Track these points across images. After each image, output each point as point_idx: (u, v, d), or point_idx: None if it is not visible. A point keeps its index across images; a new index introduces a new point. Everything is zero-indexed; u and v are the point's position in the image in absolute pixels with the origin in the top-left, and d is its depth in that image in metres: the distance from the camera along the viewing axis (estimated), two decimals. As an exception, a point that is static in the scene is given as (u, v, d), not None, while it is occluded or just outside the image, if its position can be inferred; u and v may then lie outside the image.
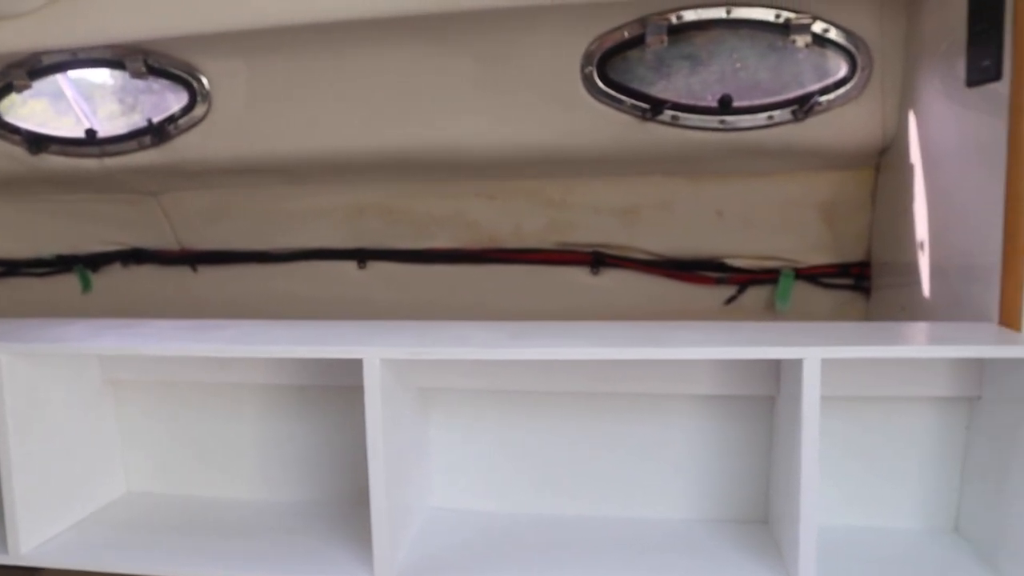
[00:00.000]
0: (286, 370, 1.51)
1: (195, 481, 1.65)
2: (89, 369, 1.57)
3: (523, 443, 1.49)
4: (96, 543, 1.46)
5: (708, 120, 1.78)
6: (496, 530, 1.44)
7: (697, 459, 1.46)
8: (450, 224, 2.03)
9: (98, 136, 1.95)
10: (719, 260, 2.00)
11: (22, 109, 2.01)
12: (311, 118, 1.83)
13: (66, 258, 2.30)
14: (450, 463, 1.52)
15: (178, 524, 1.52)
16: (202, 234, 2.18)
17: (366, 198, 2.03)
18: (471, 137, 1.81)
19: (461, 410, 1.49)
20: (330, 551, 1.37)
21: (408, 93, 1.77)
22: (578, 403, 1.46)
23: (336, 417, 1.53)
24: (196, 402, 1.61)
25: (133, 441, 1.66)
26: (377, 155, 1.86)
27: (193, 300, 2.22)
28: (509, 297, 2.04)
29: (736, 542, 1.38)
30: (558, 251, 2.02)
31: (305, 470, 1.58)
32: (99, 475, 1.61)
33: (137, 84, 1.94)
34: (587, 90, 1.76)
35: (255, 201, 2.09)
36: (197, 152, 1.90)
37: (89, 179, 2.04)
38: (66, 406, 1.51)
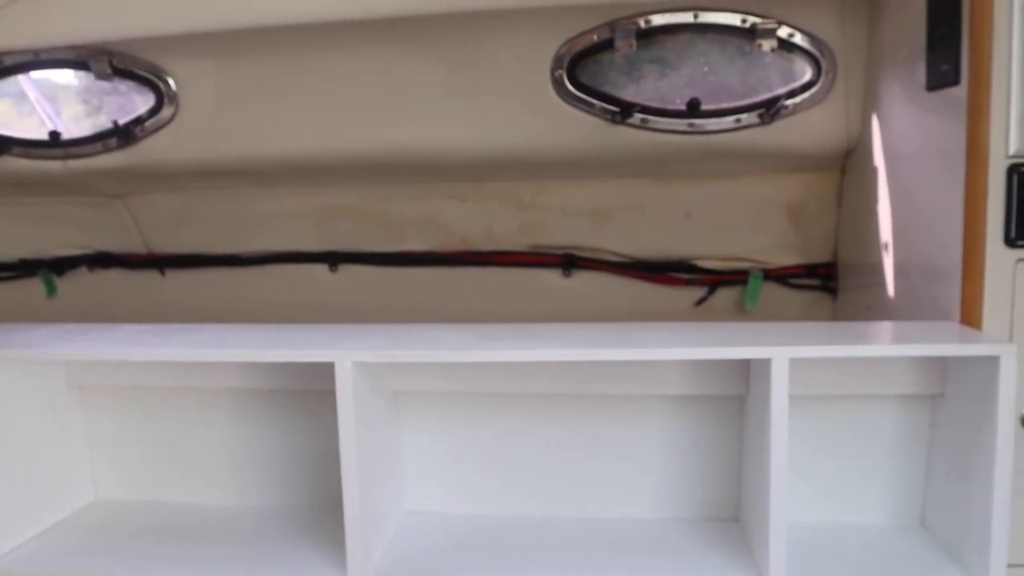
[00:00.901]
0: (257, 374, 1.50)
1: (165, 487, 1.63)
2: (55, 375, 1.55)
3: (496, 445, 1.49)
4: (64, 551, 1.44)
5: (677, 123, 1.80)
6: (470, 532, 1.44)
7: (669, 459, 1.47)
8: (422, 227, 2.03)
9: (62, 138, 1.92)
10: (689, 262, 2.02)
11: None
12: (281, 120, 1.82)
13: (30, 262, 2.26)
14: (423, 466, 1.52)
15: (148, 531, 1.50)
16: (170, 237, 2.15)
17: (337, 200, 2.02)
18: (442, 140, 1.81)
19: (434, 413, 1.49)
20: (303, 556, 1.36)
21: (379, 96, 1.77)
22: (551, 405, 1.46)
23: (308, 421, 1.53)
24: (165, 407, 1.60)
25: (101, 447, 1.64)
26: (348, 158, 1.85)
27: (161, 304, 2.19)
28: (482, 299, 2.04)
29: (708, 540, 1.39)
30: (530, 253, 2.03)
31: (277, 475, 1.57)
32: (67, 482, 1.59)
33: (102, 85, 1.92)
34: (557, 93, 1.77)
35: (224, 204, 2.07)
36: (164, 154, 1.89)
37: (53, 182, 2.01)
38: (32, 412, 1.49)
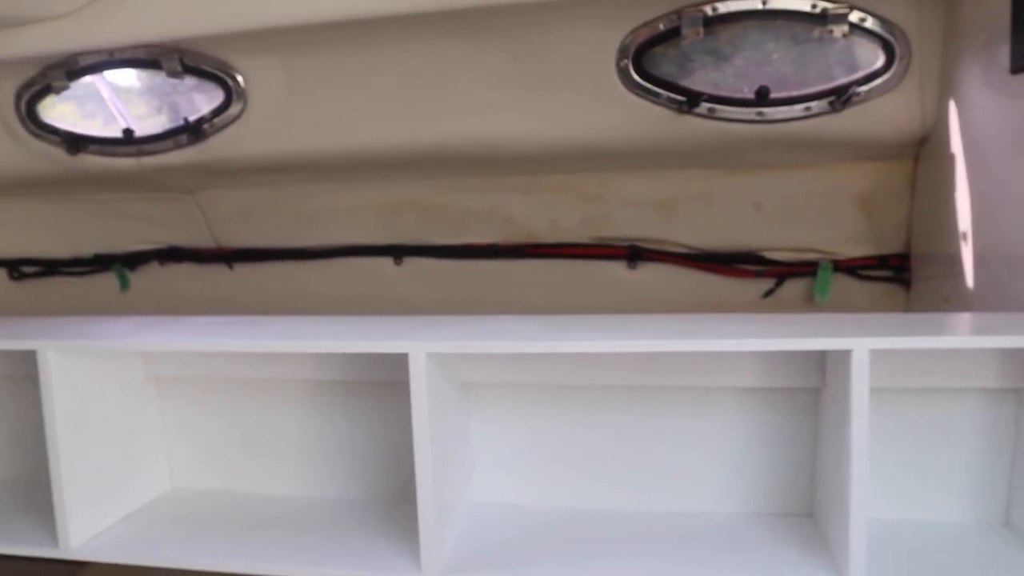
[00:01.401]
0: (329, 365, 1.51)
1: (239, 477, 1.65)
2: (133, 366, 1.58)
3: (566, 437, 1.48)
4: (143, 538, 1.47)
5: (745, 112, 1.77)
6: (539, 525, 1.44)
7: (740, 452, 1.45)
8: (486, 219, 2.03)
9: (135, 136, 1.96)
10: (757, 253, 1.99)
11: (51, 112, 2.03)
12: (347, 115, 1.83)
13: (104, 257, 2.32)
14: (492, 458, 1.51)
15: (223, 519, 1.52)
16: (238, 232, 2.19)
17: (402, 194, 2.04)
18: (507, 133, 1.81)
19: (503, 404, 1.49)
20: (375, 546, 1.37)
21: (444, 89, 1.77)
22: (621, 396, 1.45)
23: (379, 412, 1.54)
24: (239, 398, 1.62)
25: (177, 437, 1.67)
26: (413, 151, 1.86)
27: (229, 298, 2.23)
28: (546, 292, 2.03)
29: (781, 536, 1.36)
30: (595, 245, 2.01)
31: (348, 466, 1.58)
32: (144, 471, 1.62)
33: (163, 86, 1.96)
34: (623, 84, 1.75)
35: (291, 198, 2.10)
36: (233, 150, 1.91)
37: (126, 178, 2.06)
38: (111, 403, 1.52)
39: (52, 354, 1.37)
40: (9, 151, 2.03)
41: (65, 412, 1.40)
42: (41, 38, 1.73)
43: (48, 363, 1.36)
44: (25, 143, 2.00)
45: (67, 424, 1.40)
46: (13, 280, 2.41)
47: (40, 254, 2.38)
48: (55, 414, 1.38)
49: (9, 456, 1.81)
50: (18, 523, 1.53)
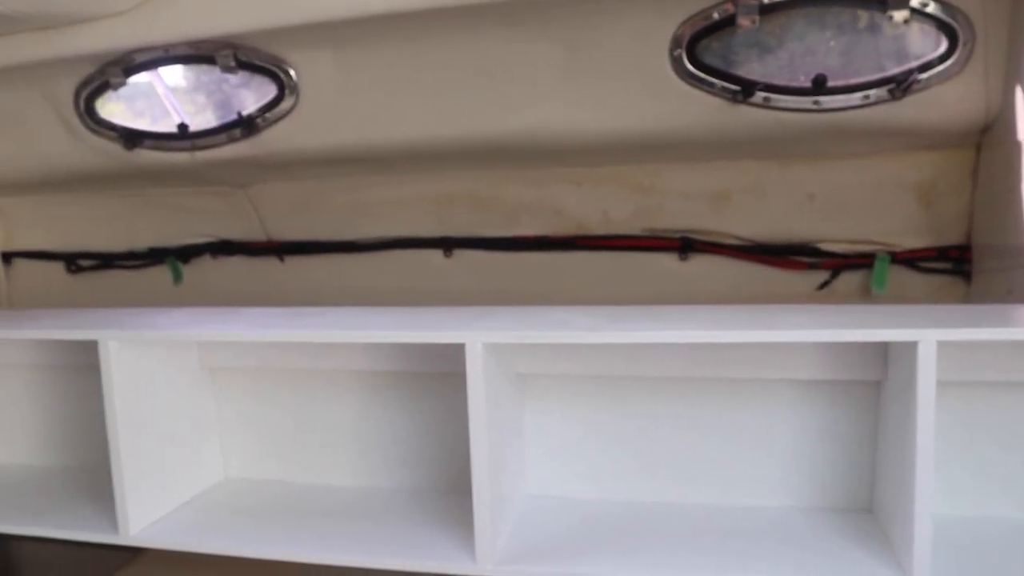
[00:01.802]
0: (383, 356, 1.52)
1: (292, 467, 1.67)
2: (189, 356, 1.60)
3: (619, 429, 1.47)
4: (198, 526, 1.49)
5: (801, 101, 1.74)
6: (592, 517, 1.43)
7: (796, 445, 1.42)
8: (537, 211, 2.02)
9: (189, 130, 1.99)
10: (811, 245, 1.95)
11: (103, 111, 2.06)
12: (398, 107, 1.83)
13: (158, 250, 2.36)
14: (546, 450, 1.51)
15: (277, 508, 1.54)
16: (289, 225, 2.21)
17: (453, 186, 2.04)
18: (559, 124, 1.79)
19: (558, 396, 1.48)
20: (429, 537, 1.37)
21: (495, 81, 1.76)
22: (677, 388, 1.43)
23: (433, 403, 1.54)
24: (293, 389, 1.64)
25: (231, 427, 1.69)
26: (464, 143, 1.86)
27: (280, 290, 2.25)
28: (596, 284, 2.02)
29: (840, 531, 1.34)
30: (646, 237, 1.99)
31: (400, 457, 1.59)
32: (200, 460, 1.64)
33: (208, 84, 1.99)
34: (676, 73, 1.73)
35: (342, 191, 2.11)
36: (285, 144, 1.93)
37: (180, 173, 2.09)
38: (168, 393, 1.54)
39: (113, 344, 1.39)
40: (68, 147, 2.07)
41: (125, 401, 1.42)
42: (99, 36, 1.76)
43: (109, 353, 1.38)
44: (83, 139, 2.03)
45: (127, 413, 1.42)
46: (70, 273, 2.46)
47: (96, 248, 2.42)
48: (116, 403, 1.40)
49: (70, 445, 1.85)
50: (80, 510, 1.56)
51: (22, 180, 2.26)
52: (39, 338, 1.55)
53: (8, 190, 2.37)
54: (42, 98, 1.99)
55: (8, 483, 1.76)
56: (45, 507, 1.59)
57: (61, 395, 1.83)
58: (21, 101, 2.01)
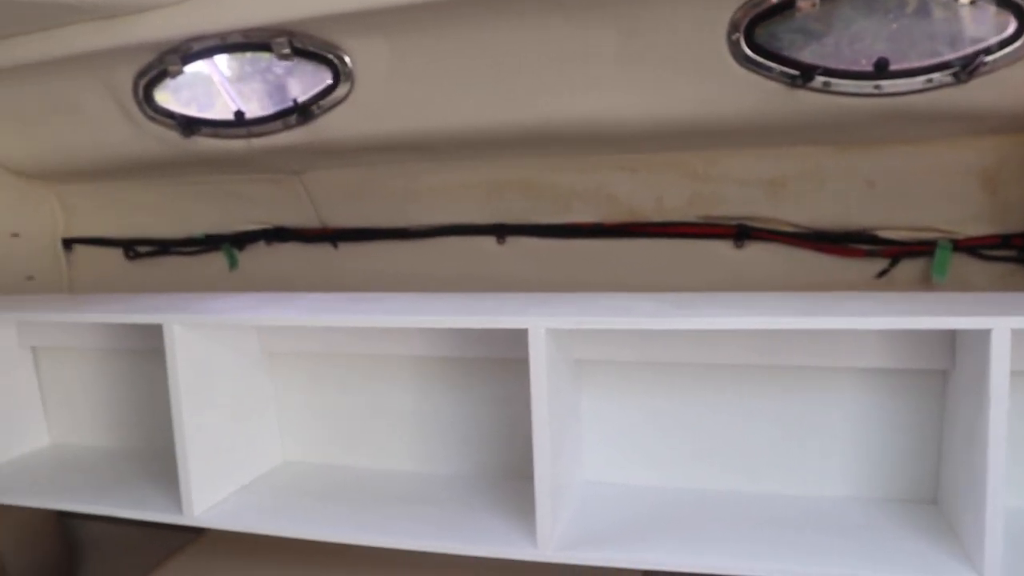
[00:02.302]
0: (442, 341, 1.53)
1: (350, 452, 1.69)
2: (249, 341, 1.63)
3: (678, 417, 1.47)
4: (260, 507, 1.51)
5: (862, 85, 1.70)
6: (649, 505, 1.42)
7: (859, 435, 1.41)
8: (590, 198, 2.01)
9: (246, 118, 2.01)
10: (870, 232, 1.92)
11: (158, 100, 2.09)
12: (452, 94, 1.83)
13: (214, 237, 2.39)
14: (602, 437, 1.51)
15: (335, 492, 1.56)
16: (343, 211, 2.22)
17: (506, 173, 2.03)
18: (613, 110, 1.78)
19: (616, 382, 1.48)
20: (489, 522, 1.38)
21: (550, 67, 1.75)
22: (735, 376, 1.42)
23: (490, 389, 1.55)
24: (351, 374, 1.65)
25: (290, 412, 1.72)
26: (517, 129, 1.85)
27: (333, 277, 2.27)
28: (650, 272, 2.00)
29: (904, 522, 1.32)
30: (701, 224, 1.97)
31: (458, 442, 1.60)
32: (259, 444, 1.67)
33: (252, 73, 2.01)
34: (734, 58, 1.70)
35: (395, 178, 2.12)
36: (340, 131, 1.94)
37: (236, 160, 2.11)
38: (229, 377, 1.57)
39: (177, 328, 1.41)
40: (127, 135, 2.10)
41: (189, 384, 1.44)
42: (159, 24, 1.78)
43: (173, 336, 1.41)
44: (142, 127, 2.06)
45: (190, 396, 1.45)
46: (128, 259, 2.50)
47: (154, 234, 2.46)
48: (180, 386, 1.42)
49: (133, 427, 1.89)
50: (145, 490, 1.60)
51: (82, 168, 2.30)
52: (106, 322, 1.58)
53: (69, 178, 2.42)
54: (102, 87, 2.02)
55: (76, 464, 1.81)
56: (112, 487, 1.63)
57: (125, 378, 1.87)
58: (82, 90, 2.04)
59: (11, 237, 2.36)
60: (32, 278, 2.43)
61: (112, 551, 2.56)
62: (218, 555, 1.86)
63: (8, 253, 2.35)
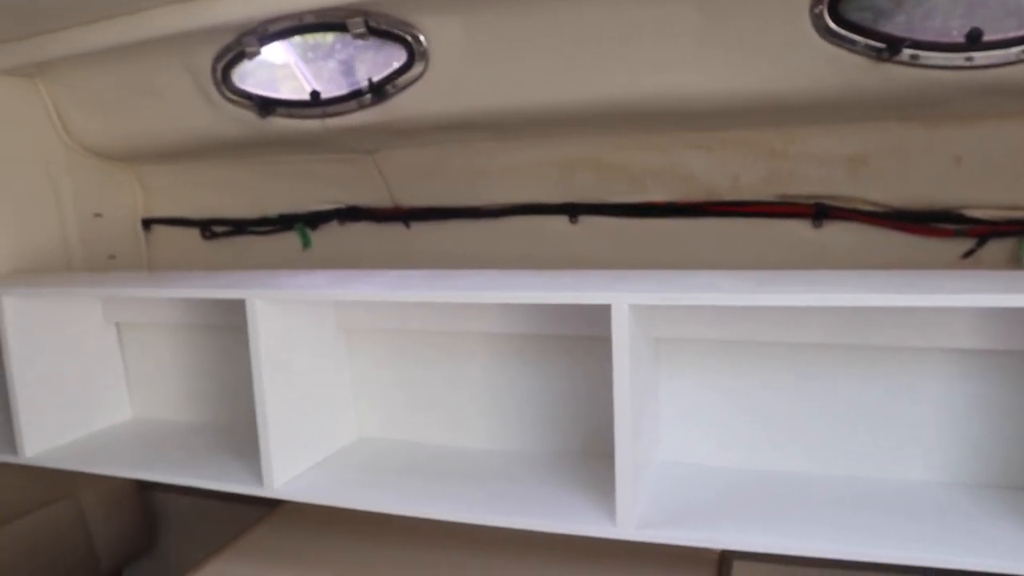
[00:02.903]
0: (519, 318, 1.52)
1: (425, 429, 1.70)
2: (327, 317, 1.65)
3: (756, 397, 1.44)
4: (337, 481, 1.53)
5: (952, 58, 1.64)
6: (728, 485, 1.40)
7: (949, 417, 1.36)
8: (664, 177, 1.98)
9: (321, 98, 2.02)
10: (956, 211, 1.85)
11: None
12: (527, 72, 1.82)
13: (287, 217, 2.42)
14: (680, 416, 1.49)
15: (412, 468, 1.57)
16: (415, 191, 2.23)
17: (579, 152, 2.02)
18: (691, 86, 1.74)
19: (695, 361, 1.46)
20: (567, 500, 1.37)
21: (626, 42, 1.72)
22: (818, 355, 1.39)
23: (568, 367, 1.54)
24: (427, 351, 1.66)
25: (365, 388, 1.73)
26: (592, 107, 1.83)
27: (405, 256, 2.28)
28: (725, 251, 1.97)
29: (1001, 510, 1.27)
30: (778, 203, 1.93)
31: (534, 420, 1.60)
32: (335, 419, 1.69)
33: (315, 58, 2.02)
34: (817, 31, 1.65)
35: (468, 157, 2.11)
36: (414, 110, 1.94)
37: (311, 140, 2.13)
38: (308, 353, 1.59)
39: (259, 303, 1.43)
40: (205, 116, 2.14)
41: (270, 359, 1.47)
42: (239, 6, 1.81)
43: (256, 311, 1.43)
44: (220, 108, 2.10)
45: (271, 370, 1.47)
46: (205, 239, 2.55)
47: (229, 214, 2.50)
48: (261, 360, 1.45)
49: (211, 402, 1.93)
50: (225, 463, 1.63)
51: (161, 149, 2.35)
52: (191, 297, 1.62)
53: (148, 159, 2.47)
54: (182, 69, 2.05)
55: (158, 436, 1.85)
56: (194, 459, 1.67)
57: (204, 354, 1.91)
58: (163, 73, 2.08)
59: (94, 217, 2.43)
60: (113, 257, 2.50)
61: (189, 523, 2.63)
62: (294, 528, 1.89)
63: (91, 233, 2.42)
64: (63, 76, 2.20)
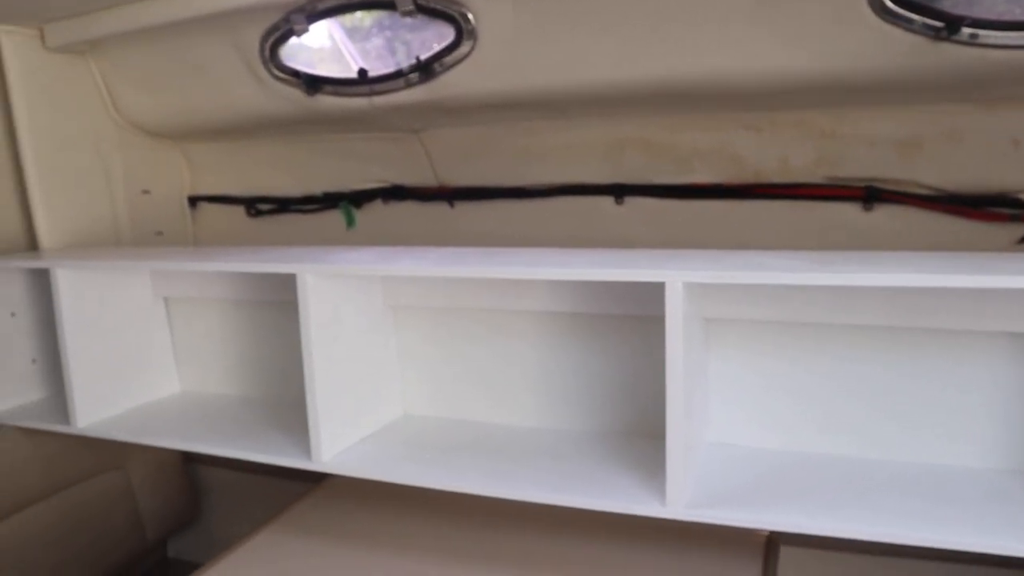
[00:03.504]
0: (568, 296, 1.52)
1: (471, 407, 1.71)
2: (374, 294, 1.66)
3: (807, 379, 1.43)
4: (384, 456, 1.54)
5: (1015, 37, 1.60)
6: (777, 468, 1.39)
7: (1002, 403, 1.34)
8: (712, 158, 1.96)
9: (368, 75, 2.03)
10: (1013, 195, 1.81)
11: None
12: (575, 51, 1.80)
13: (332, 195, 2.43)
14: (726, 397, 1.48)
15: (458, 444, 1.58)
16: (460, 170, 2.23)
17: (625, 132, 2.00)
18: (743, 67, 1.72)
19: (740, 342, 1.44)
20: (615, 478, 1.37)
21: (677, 22, 1.70)
22: (872, 338, 1.37)
23: (616, 346, 1.53)
24: (474, 329, 1.66)
25: (411, 365, 1.74)
26: (641, 87, 1.81)
27: (449, 236, 2.28)
28: (773, 234, 1.95)
29: (1054, 496, 1.26)
30: (828, 186, 1.90)
31: (581, 399, 1.59)
32: (382, 396, 1.70)
33: (353, 37, 2.03)
34: (872, 9, 1.62)
35: (514, 136, 2.11)
36: (461, 88, 1.94)
37: (358, 118, 2.13)
38: (356, 329, 1.60)
39: (310, 278, 1.44)
40: (253, 94, 2.15)
41: (319, 334, 1.48)
42: None
43: (306, 286, 1.44)
44: (268, 86, 2.11)
45: (320, 346, 1.48)
46: (250, 217, 2.58)
47: (275, 192, 2.52)
48: (311, 335, 1.46)
49: (258, 377, 1.95)
50: (273, 437, 1.65)
51: (209, 127, 2.38)
52: (242, 271, 1.63)
53: (195, 137, 2.50)
54: (231, 47, 2.07)
55: (206, 410, 1.88)
56: (242, 433, 1.69)
57: (251, 329, 1.94)
58: (211, 51, 2.10)
59: (142, 194, 2.46)
60: (160, 233, 2.53)
61: (231, 497, 2.68)
62: (338, 503, 1.91)
63: (139, 209, 2.45)
64: (114, 54, 2.22)
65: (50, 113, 2.17)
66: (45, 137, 2.15)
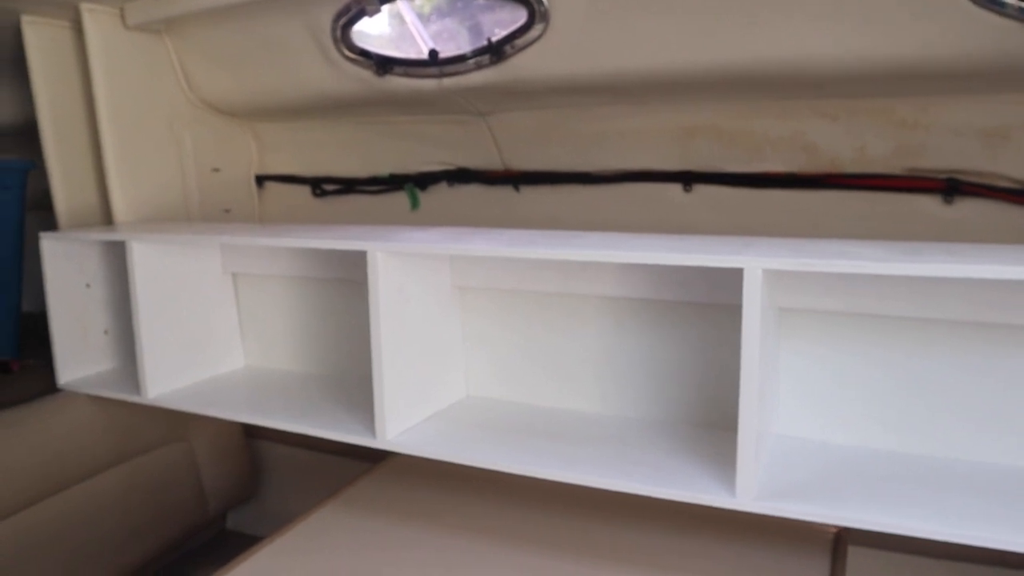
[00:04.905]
0: (637, 281, 1.50)
1: (535, 391, 1.70)
2: (441, 274, 1.66)
3: (882, 374, 1.38)
4: (448, 436, 1.55)
5: (1118, 24, 1.53)
6: (847, 462, 1.36)
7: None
8: (785, 146, 1.91)
9: (439, 57, 2.02)
10: (1105, 189, 1.74)
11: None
12: (648, 34, 1.78)
13: (398, 177, 2.44)
14: (797, 389, 1.45)
15: (522, 427, 1.57)
16: (526, 154, 2.22)
17: (696, 118, 1.97)
18: (821, 52, 1.67)
19: (814, 334, 1.41)
20: (683, 467, 1.35)
21: (753, 5, 1.66)
22: (951, 333, 1.33)
23: (684, 333, 1.51)
24: (540, 312, 1.66)
25: (476, 347, 1.74)
26: (713, 72, 1.78)
27: (514, 220, 2.27)
28: (846, 226, 1.89)
29: None
30: (907, 177, 1.84)
31: (647, 386, 1.58)
32: (446, 376, 1.70)
33: (415, 22, 2.02)
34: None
35: (582, 121, 2.09)
36: (532, 71, 1.92)
37: (426, 100, 2.13)
38: (422, 308, 1.60)
39: (380, 255, 1.45)
40: (324, 74, 2.16)
41: (388, 313, 1.48)
42: None
43: (376, 263, 1.45)
44: (339, 66, 2.12)
45: (388, 324, 1.48)
46: (315, 197, 2.60)
47: (340, 173, 2.54)
48: (380, 313, 1.46)
49: (322, 354, 1.97)
50: (338, 414, 1.67)
51: (279, 106, 2.40)
52: (312, 247, 1.65)
53: (264, 116, 2.53)
54: (303, 27, 2.08)
55: (270, 385, 1.91)
56: (307, 409, 1.71)
57: (317, 307, 1.96)
58: (284, 31, 2.12)
59: (212, 172, 2.50)
60: (228, 211, 2.57)
61: (291, 473, 2.72)
62: (399, 482, 1.92)
63: (209, 187, 2.49)
64: (189, 33, 2.26)
65: (127, 90, 2.21)
66: (122, 114, 2.20)
